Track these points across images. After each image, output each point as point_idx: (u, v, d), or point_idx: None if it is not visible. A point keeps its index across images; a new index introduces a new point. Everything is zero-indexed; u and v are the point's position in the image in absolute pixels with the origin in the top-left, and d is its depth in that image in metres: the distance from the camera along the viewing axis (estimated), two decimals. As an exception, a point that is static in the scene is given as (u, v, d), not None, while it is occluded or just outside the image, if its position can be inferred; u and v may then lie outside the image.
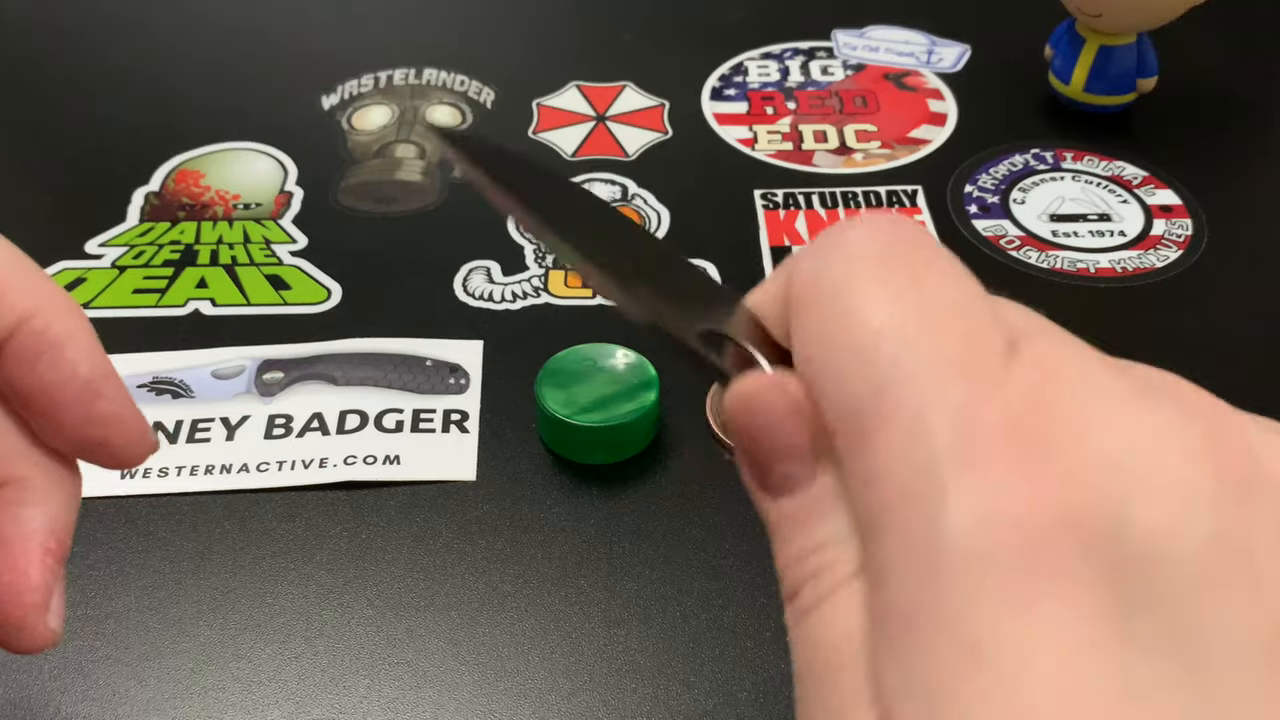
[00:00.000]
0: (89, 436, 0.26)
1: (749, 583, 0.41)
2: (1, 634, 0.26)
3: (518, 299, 0.51)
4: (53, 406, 0.26)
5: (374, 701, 0.38)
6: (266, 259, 0.54)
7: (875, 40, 0.66)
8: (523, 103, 0.62)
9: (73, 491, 0.27)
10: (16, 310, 0.26)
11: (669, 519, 0.43)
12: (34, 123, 0.62)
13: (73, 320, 0.26)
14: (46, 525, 0.26)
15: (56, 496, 0.27)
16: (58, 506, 0.27)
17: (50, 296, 0.26)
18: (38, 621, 0.26)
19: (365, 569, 0.41)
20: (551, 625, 0.40)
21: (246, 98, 0.63)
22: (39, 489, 0.26)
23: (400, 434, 0.45)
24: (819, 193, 0.57)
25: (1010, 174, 0.58)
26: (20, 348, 0.26)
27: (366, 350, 0.49)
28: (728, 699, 0.37)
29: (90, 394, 0.26)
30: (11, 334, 0.26)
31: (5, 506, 0.26)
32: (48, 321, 0.26)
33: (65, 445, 0.27)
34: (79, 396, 0.26)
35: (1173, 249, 0.54)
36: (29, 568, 0.26)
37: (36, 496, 0.26)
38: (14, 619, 0.26)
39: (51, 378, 0.26)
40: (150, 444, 0.27)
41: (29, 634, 0.26)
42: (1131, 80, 0.59)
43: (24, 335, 0.26)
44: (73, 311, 0.26)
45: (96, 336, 0.27)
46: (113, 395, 0.26)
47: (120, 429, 0.26)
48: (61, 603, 0.26)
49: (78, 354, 0.26)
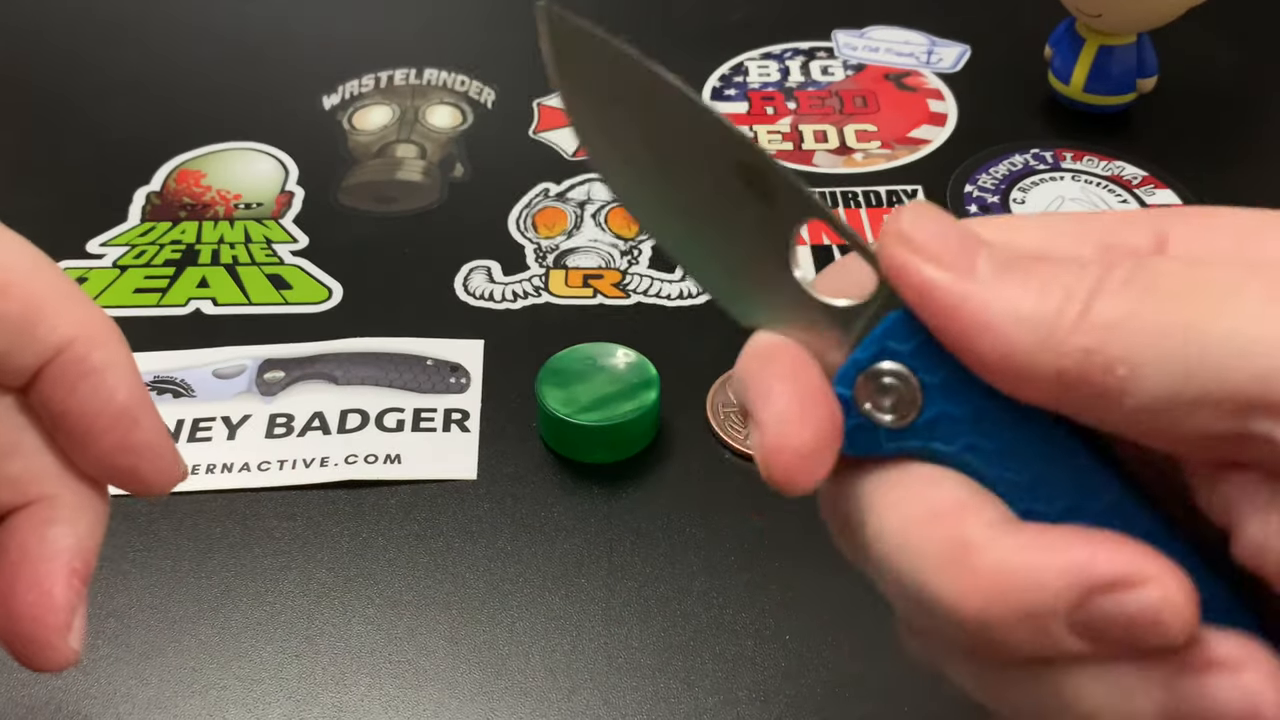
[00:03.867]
0: (120, 464, 0.26)
1: (749, 583, 0.41)
2: (22, 651, 0.26)
3: (518, 298, 0.51)
4: (87, 432, 0.26)
5: (375, 700, 0.38)
6: (267, 258, 0.54)
7: (875, 40, 0.66)
8: (523, 103, 0.62)
9: (101, 513, 0.27)
10: (59, 334, 0.25)
11: (669, 519, 0.43)
12: (36, 122, 0.62)
13: (113, 347, 0.26)
14: (74, 545, 0.26)
15: (85, 517, 0.26)
16: (86, 527, 0.26)
17: (93, 321, 0.26)
18: (59, 641, 0.26)
19: (366, 568, 0.41)
20: (552, 624, 0.40)
21: (247, 98, 0.63)
22: (68, 508, 0.26)
23: (401, 433, 0.45)
24: (819, 192, 0.57)
25: (1010, 174, 0.58)
26: (60, 372, 0.25)
27: (367, 349, 0.49)
28: (728, 699, 0.38)
29: (126, 422, 0.26)
30: (53, 358, 0.25)
31: (33, 525, 0.26)
32: (89, 347, 0.26)
33: (95, 470, 0.26)
34: (115, 424, 0.26)
35: (1172, 249, 0.54)
36: (53, 588, 0.25)
37: (65, 515, 0.26)
38: (36, 638, 0.25)
39: (89, 404, 0.25)
40: (179, 474, 0.27)
41: (50, 653, 0.26)
42: (1131, 80, 0.59)
43: (65, 360, 0.25)
44: (114, 337, 0.26)
45: (136, 363, 0.27)
46: (148, 424, 0.26)
47: (152, 458, 0.26)
48: (83, 623, 0.26)
49: (117, 381, 0.26)
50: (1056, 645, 0.22)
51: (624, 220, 0.55)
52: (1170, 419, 0.22)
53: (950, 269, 0.23)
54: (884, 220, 0.25)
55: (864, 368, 0.24)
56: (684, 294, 0.51)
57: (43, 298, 0.25)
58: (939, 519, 0.23)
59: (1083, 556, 0.22)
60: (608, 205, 0.56)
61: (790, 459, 0.23)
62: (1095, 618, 0.22)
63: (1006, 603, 0.22)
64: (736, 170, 0.25)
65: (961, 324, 0.23)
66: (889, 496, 0.24)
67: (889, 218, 0.24)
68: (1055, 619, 0.22)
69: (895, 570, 0.24)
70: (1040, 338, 0.22)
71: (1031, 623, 0.22)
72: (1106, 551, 0.22)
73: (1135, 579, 0.22)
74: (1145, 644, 0.22)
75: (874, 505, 0.24)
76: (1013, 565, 0.22)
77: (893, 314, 0.24)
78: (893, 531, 0.24)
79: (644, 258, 0.53)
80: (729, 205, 0.25)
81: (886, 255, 0.24)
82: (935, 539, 0.23)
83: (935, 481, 0.24)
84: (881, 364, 0.24)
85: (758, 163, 0.25)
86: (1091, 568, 0.22)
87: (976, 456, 0.24)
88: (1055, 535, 0.23)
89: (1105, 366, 0.22)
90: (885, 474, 0.25)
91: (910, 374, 0.24)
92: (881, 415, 0.24)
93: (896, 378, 0.24)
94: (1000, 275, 0.23)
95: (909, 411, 0.24)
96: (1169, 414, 0.22)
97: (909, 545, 0.23)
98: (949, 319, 0.23)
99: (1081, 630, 0.22)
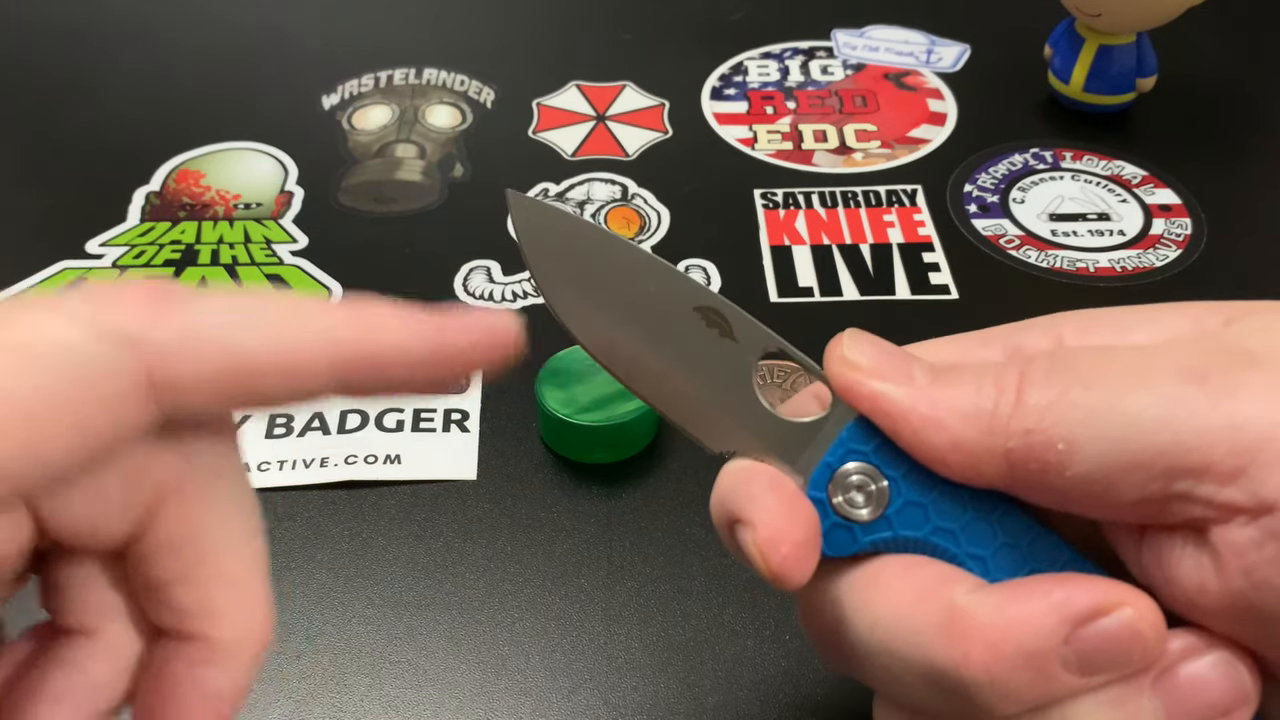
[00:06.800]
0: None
1: (749, 583, 0.41)
2: None
3: (518, 298, 0.51)
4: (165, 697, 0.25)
5: (375, 700, 0.38)
6: (267, 259, 0.54)
7: (875, 40, 0.67)
8: (523, 103, 0.62)
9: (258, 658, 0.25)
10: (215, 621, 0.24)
11: (669, 519, 0.43)
12: (35, 123, 0.62)
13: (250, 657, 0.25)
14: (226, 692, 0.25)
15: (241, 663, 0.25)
16: (241, 673, 0.25)
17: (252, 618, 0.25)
18: None
19: (366, 568, 0.41)
20: (552, 624, 0.40)
21: (247, 98, 0.63)
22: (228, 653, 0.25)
23: (401, 433, 0.45)
24: (819, 192, 0.57)
25: (1010, 173, 0.58)
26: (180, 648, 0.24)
27: (367, 350, 0.49)
28: (728, 699, 0.38)
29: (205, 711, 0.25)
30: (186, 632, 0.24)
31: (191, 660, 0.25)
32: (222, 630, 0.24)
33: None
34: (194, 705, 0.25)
35: (1172, 248, 0.54)
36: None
37: (223, 660, 0.25)
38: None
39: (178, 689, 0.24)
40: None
41: None
42: (1131, 80, 0.59)
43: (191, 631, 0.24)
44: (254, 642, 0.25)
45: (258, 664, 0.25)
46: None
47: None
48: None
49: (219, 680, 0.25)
50: (1056, 683, 0.25)
51: (624, 220, 0.55)
52: (1105, 485, 0.25)
53: (891, 381, 0.27)
54: (826, 348, 0.28)
55: (834, 469, 0.27)
56: (684, 294, 0.51)
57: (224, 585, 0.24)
58: (926, 595, 0.26)
59: (1060, 596, 0.25)
60: (608, 205, 0.56)
61: (788, 549, 0.26)
62: (1085, 648, 0.24)
63: (1006, 652, 0.24)
64: (698, 314, 0.28)
65: (912, 424, 0.26)
66: (874, 588, 0.27)
67: (830, 345, 0.28)
68: (1052, 658, 0.24)
69: (895, 654, 0.26)
70: (984, 426, 0.26)
71: (1032, 666, 0.25)
72: (1079, 587, 0.25)
73: (1110, 604, 0.25)
74: (1131, 662, 0.25)
75: (861, 600, 0.27)
76: (1004, 617, 0.25)
77: (851, 421, 0.27)
78: (886, 618, 0.26)
79: (644, 258, 0.53)
80: (694, 345, 0.28)
81: (835, 376, 0.27)
82: (927, 613, 0.26)
83: (913, 566, 0.27)
84: (848, 464, 0.27)
85: (714, 305, 0.28)
86: (1071, 602, 0.25)
87: (943, 538, 0.27)
88: (1031, 584, 0.26)
89: (1046, 444, 0.25)
90: (863, 571, 0.27)
91: (875, 470, 0.27)
92: (855, 510, 0.27)
93: (864, 474, 0.27)
94: (936, 381, 0.26)
95: (878, 505, 0.27)
96: (1104, 481, 0.25)
97: (905, 626, 0.26)
98: (900, 421, 0.26)
99: (1075, 663, 0.25)
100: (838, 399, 0.27)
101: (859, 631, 0.27)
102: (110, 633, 0.25)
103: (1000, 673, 0.24)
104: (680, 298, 0.28)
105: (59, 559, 0.24)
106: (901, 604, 0.26)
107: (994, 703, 0.25)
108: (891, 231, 0.54)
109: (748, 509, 0.27)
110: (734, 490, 0.27)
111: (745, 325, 0.28)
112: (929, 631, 0.25)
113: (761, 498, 0.27)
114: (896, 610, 0.26)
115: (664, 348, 0.28)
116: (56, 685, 0.24)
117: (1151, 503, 0.25)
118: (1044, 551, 0.27)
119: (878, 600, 0.27)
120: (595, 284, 0.28)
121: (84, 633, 0.25)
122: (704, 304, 0.28)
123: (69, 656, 0.25)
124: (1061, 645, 0.24)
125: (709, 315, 0.28)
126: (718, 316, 0.28)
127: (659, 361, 0.28)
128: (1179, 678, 0.25)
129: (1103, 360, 0.26)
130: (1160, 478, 0.24)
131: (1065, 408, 0.25)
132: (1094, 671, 0.25)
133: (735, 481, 0.28)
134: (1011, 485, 0.26)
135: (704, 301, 0.28)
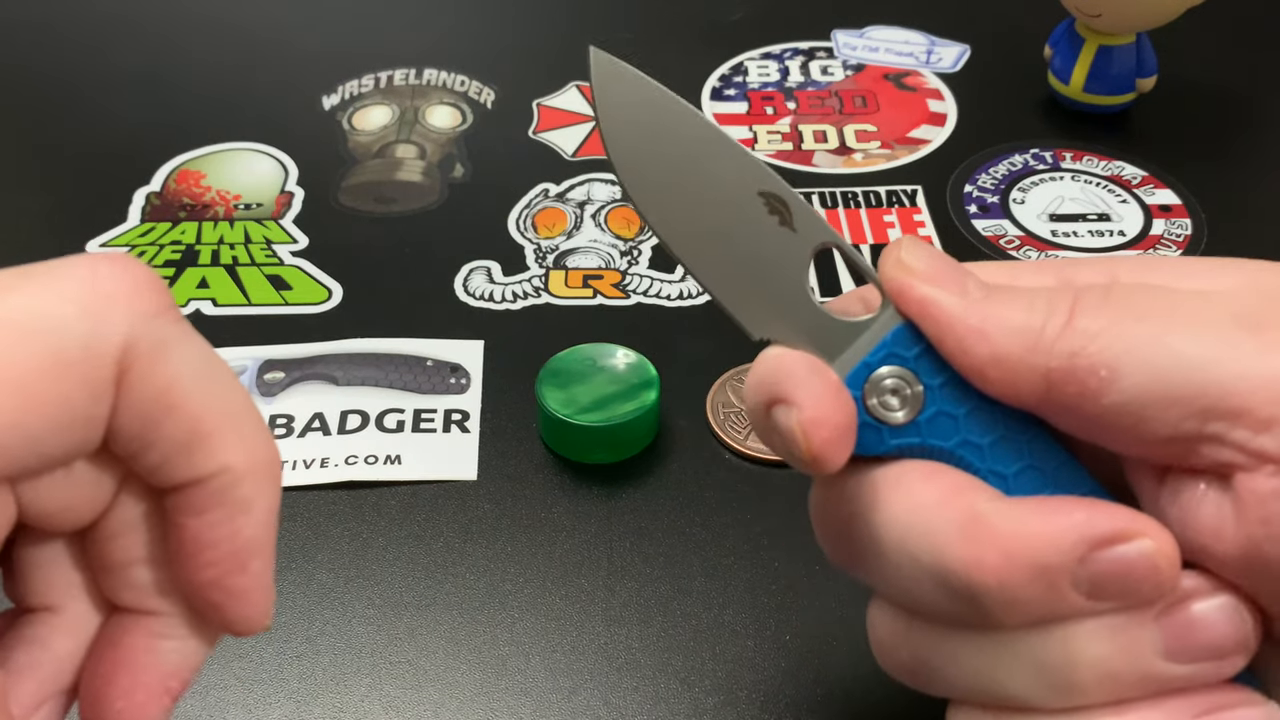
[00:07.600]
0: (210, 598, 0.25)
1: (749, 583, 0.41)
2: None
3: (518, 299, 0.51)
4: (193, 556, 0.24)
5: (375, 701, 0.38)
6: (267, 259, 0.54)
7: (875, 40, 0.67)
8: (523, 103, 0.62)
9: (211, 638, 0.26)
10: (216, 461, 0.24)
11: (669, 519, 0.43)
12: (35, 123, 0.62)
13: (263, 483, 0.25)
14: (178, 665, 0.25)
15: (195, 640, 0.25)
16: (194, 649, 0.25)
17: (255, 451, 0.24)
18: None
19: (366, 568, 0.41)
20: (552, 624, 0.40)
21: (247, 98, 0.63)
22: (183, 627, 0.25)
23: (401, 434, 0.45)
24: (819, 192, 0.57)
25: (1010, 174, 0.58)
26: (198, 493, 0.24)
27: (367, 350, 0.49)
28: (728, 699, 0.38)
29: (234, 563, 0.24)
30: (202, 482, 0.24)
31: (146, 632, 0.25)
32: (239, 479, 0.24)
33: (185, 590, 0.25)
34: (222, 561, 0.24)
35: (1172, 249, 0.54)
36: (147, 703, 0.25)
37: (179, 633, 0.25)
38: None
39: (207, 534, 0.24)
40: (263, 627, 0.25)
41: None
42: (1131, 80, 0.59)
43: (210, 485, 0.24)
44: (268, 473, 0.25)
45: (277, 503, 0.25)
46: (255, 570, 0.25)
47: (241, 604, 0.25)
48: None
49: (246, 521, 0.24)
50: (1063, 602, 0.25)
51: (624, 220, 0.55)
52: (1139, 418, 0.25)
53: (945, 288, 0.27)
54: (883, 251, 0.28)
55: (873, 370, 0.27)
56: (684, 294, 0.51)
57: (211, 422, 0.24)
58: (948, 499, 0.26)
59: (1082, 516, 0.25)
60: (608, 206, 0.56)
61: (829, 433, 0.26)
62: (1099, 570, 0.25)
63: (1021, 562, 0.25)
64: (761, 198, 0.28)
65: (958, 333, 0.26)
66: (897, 488, 0.27)
67: (887, 248, 0.28)
68: (1064, 575, 0.25)
69: (908, 553, 0.26)
70: (1030, 344, 0.26)
71: (1043, 580, 0.25)
72: (1102, 512, 0.25)
73: (1130, 533, 0.25)
74: (1142, 593, 0.25)
75: (880, 498, 0.27)
76: (1024, 528, 0.25)
77: (897, 326, 0.27)
78: (905, 516, 0.26)
79: (644, 258, 0.53)
80: (753, 228, 0.28)
81: (888, 278, 0.27)
82: (948, 516, 0.26)
83: (936, 472, 0.27)
84: (888, 367, 0.27)
85: (779, 191, 0.28)
86: (1092, 525, 0.25)
87: (970, 451, 0.27)
88: (1054, 502, 0.26)
89: (1089, 368, 0.25)
90: (887, 471, 0.27)
91: (914, 376, 0.27)
92: (890, 414, 0.27)
93: (900, 378, 0.27)
94: (988, 295, 0.27)
95: (912, 410, 0.27)
96: (1138, 413, 0.25)
97: (924, 525, 0.26)
98: (947, 329, 0.26)
99: (1087, 584, 0.25)
100: (886, 303, 0.27)
101: (875, 528, 0.27)
102: (73, 610, 0.25)
103: (1011, 582, 0.25)
104: (746, 179, 0.28)
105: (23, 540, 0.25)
106: (923, 504, 0.26)
107: (998, 611, 0.25)
108: (891, 232, 0.54)
109: (793, 390, 0.26)
110: (778, 371, 0.27)
111: (806, 216, 0.28)
112: (948, 533, 0.26)
113: (807, 380, 0.27)
114: (917, 510, 0.26)
115: (722, 226, 0.28)
116: (19, 660, 0.25)
117: (1182, 441, 0.25)
118: (1067, 479, 0.27)
119: (899, 499, 0.27)
120: (663, 153, 0.28)
121: (48, 609, 0.25)
122: (769, 190, 0.28)
123: (32, 634, 0.25)
124: (1076, 564, 0.25)
125: (772, 201, 0.28)
126: (780, 204, 0.28)
127: (714, 239, 0.28)
128: (1184, 615, 0.25)
129: (1160, 297, 0.26)
130: (1195, 416, 0.24)
131: (1113, 336, 0.25)
132: (1103, 597, 0.25)
133: (780, 364, 0.27)
134: (1046, 407, 0.26)
135: (769, 187, 0.28)
